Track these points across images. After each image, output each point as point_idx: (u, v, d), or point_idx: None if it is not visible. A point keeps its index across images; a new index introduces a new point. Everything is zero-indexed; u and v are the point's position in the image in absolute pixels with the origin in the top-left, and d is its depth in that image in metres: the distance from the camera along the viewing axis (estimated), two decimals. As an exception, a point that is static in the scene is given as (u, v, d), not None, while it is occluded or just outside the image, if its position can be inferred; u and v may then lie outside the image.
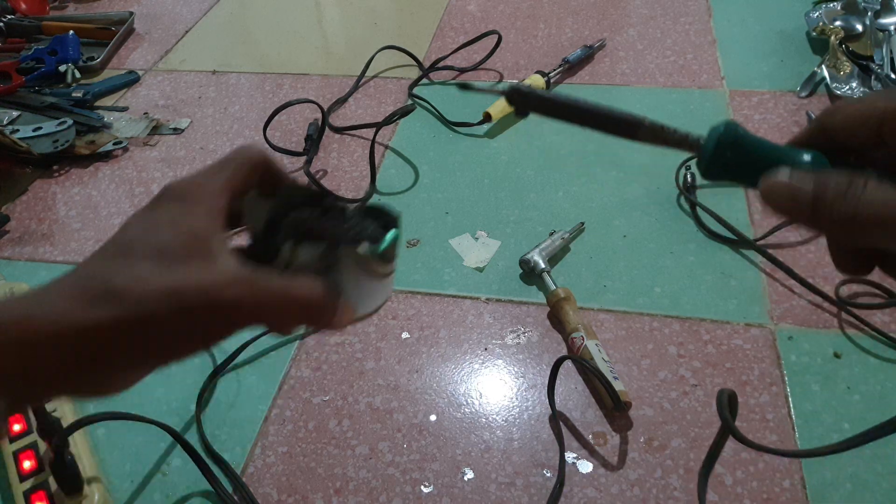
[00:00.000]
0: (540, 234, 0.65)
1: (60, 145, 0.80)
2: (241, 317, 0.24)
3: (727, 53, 0.88)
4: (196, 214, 0.25)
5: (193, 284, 0.23)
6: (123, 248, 0.24)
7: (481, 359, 0.56)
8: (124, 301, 0.23)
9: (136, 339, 0.23)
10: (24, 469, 0.47)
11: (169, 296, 0.23)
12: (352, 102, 0.87)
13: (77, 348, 0.22)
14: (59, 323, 0.22)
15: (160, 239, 0.24)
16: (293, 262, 0.26)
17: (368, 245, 0.26)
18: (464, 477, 0.48)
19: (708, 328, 0.56)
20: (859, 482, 0.46)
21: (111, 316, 0.22)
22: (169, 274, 0.23)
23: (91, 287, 0.23)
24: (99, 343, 0.23)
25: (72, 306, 0.22)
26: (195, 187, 0.26)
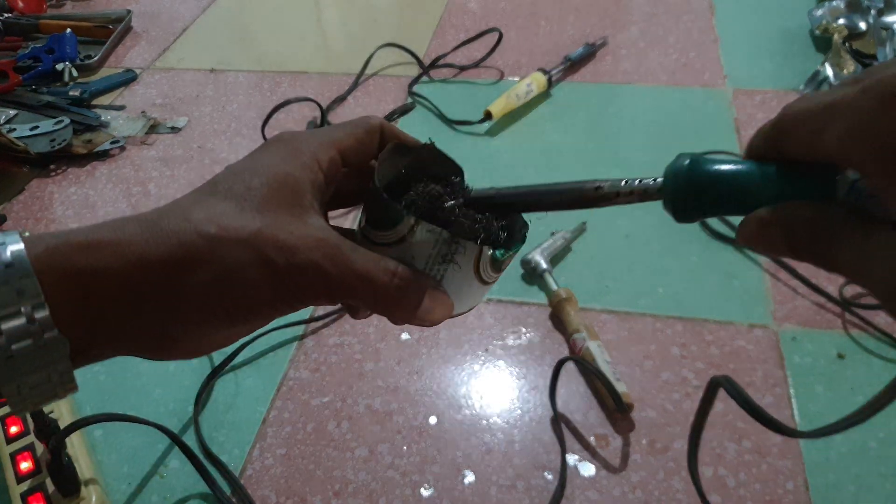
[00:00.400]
0: (541, 234, 0.64)
1: (57, 144, 0.80)
2: (317, 286, 0.22)
3: (730, 52, 0.88)
4: (295, 163, 0.23)
5: (272, 236, 0.21)
6: (213, 185, 0.23)
7: (482, 360, 0.55)
8: (192, 235, 0.21)
9: (203, 283, 0.21)
10: (21, 470, 0.47)
11: (242, 242, 0.21)
12: (351, 101, 0.86)
13: (143, 282, 0.21)
14: (127, 252, 0.21)
15: (251, 182, 0.22)
16: (408, 238, 0.23)
17: (491, 248, 0.24)
18: (464, 479, 0.48)
19: (711, 329, 0.56)
20: (863, 484, 0.45)
21: (180, 252, 0.21)
22: (248, 219, 0.21)
23: (165, 220, 0.21)
24: (166, 281, 0.21)
25: (143, 237, 0.21)
26: (303, 138, 0.24)
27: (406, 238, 0.23)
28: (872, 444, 0.47)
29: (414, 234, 0.23)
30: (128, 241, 0.21)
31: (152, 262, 0.21)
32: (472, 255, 0.24)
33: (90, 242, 0.21)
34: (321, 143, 0.24)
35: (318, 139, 0.25)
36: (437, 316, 0.24)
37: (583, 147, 0.75)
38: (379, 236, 0.24)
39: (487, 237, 0.25)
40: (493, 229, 0.25)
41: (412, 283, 0.23)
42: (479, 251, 0.24)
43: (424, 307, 0.24)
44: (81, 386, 0.58)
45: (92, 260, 0.20)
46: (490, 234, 0.25)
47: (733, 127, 0.76)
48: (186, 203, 0.22)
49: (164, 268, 0.21)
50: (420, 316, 0.24)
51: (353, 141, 0.25)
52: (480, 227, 0.25)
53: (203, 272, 0.21)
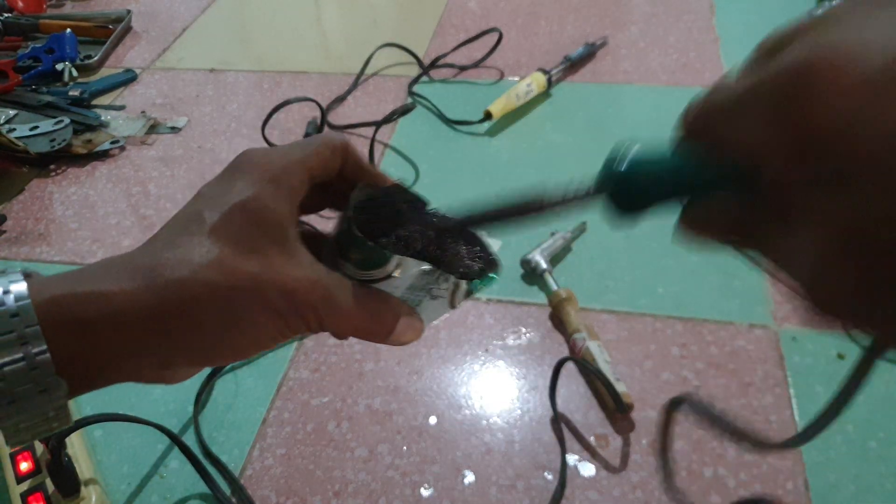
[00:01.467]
0: (541, 234, 0.64)
1: (57, 144, 0.80)
2: (311, 324, 0.23)
3: (730, 52, 0.88)
4: (274, 194, 0.23)
5: (272, 281, 0.22)
6: (198, 220, 0.23)
7: (482, 360, 0.55)
8: (194, 285, 0.21)
9: (208, 331, 0.22)
10: (20, 471, 0.47)
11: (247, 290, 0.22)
12: (351, 101, 0.86)
13: (148, 332, 0.21)
14: (131, 304, 0.21)
15: (237, 218, 0.23)
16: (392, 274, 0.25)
17: (467, 283, 0.26)
18: (464, 480, 0.48)
19: (711, 329, 0.56)
20: (863, 484, 0.45)
21: (184, 304, 0.21)
22: (247, 263, 0.22)
23: (167, 270, 0.21)
24: (171, 330, 0.22)
25: (147, 287, 0.21)
26: (274, 161, 0.24)
27: (391, 275, 0.25)
28: (872, 443, 0.47)
29: (399, 270, 0.25)
30: (130, 293, 0.21)
31: (156, 315, 0.21)
32: (451, 287, 0.26)
33: (93, 294, 0.21)
34: (293, 167, 0.25)
35: (288, 160, 0.25)
36: (408, 339, 0.26)
37: (583, 147, 0.75)
38: (362, 275, 0.25)
39: (469, 273, 0.26)
40: (462, 257, 0.26)
41: (387, 316, 0.25)
42: (457, 285, 0.26)
43: (397, 332, 0.25)
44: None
45: (95, 311, 0.21)
46: (471, 270, 0.26)
47: (733, 127, 0.76)
48: (179, 243, 0.22)
49: (169, 318, 0.21)
50: (391, 340, 0.26)
51: (320, 161, 0.26)
52: (463, 264, 0.26)
53: (209, 321, 0.22)
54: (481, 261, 0.27)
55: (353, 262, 0.25)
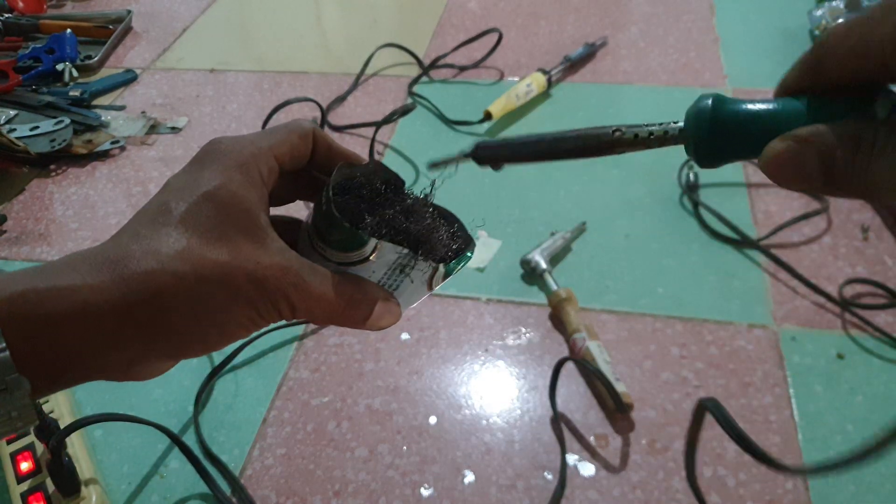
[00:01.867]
0: (541, 234, 0.65)
1: (58, 144, 0.80)
2: (283, 310, 0.23)
3: (730, 52, 0.88)
4: (242, 181, 0.23)
5: (242, 269, 0.22)
6: (165, 210, 0.22)
7: (482, 360, 0.55)
8: (161, 276, 0.21)
9: (179, 323, 0.21)
10: (21, 470, 0.47)
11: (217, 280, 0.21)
12: (351, 101, 0.86)
13: (115, 328, 0.21)
14: (96, 298, 0.20)
15: (205, 208, 0.22)
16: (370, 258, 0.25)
17: (444, 265, 0.26)
18: (464, 479, 0.48)
19: (711, 329, 0.56)
20: (863, 484, 0.45)
21: (153, 297, 0.21)
22: (216, 252, 0.22)
23: (133, 262, 0.21)
24: (138, 324, 0.21)
25: (113, 281, 0.21)
26: (241, 148, 0.24)
27: (369, 258, 0.25)
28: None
29: (377, 253, 0.24)
30: (95, 286, 0.20)
31: (122, 308, 0.21)
32: (429, 270, 0.25)
33: (56, 289, 0.20)
34: (261, 153, 0.24)
35: (257, 147, 0.25)
36: (385, 324, 0.26)
37: (583, 147, 0.75)
38: (339, 257, 0.25)
39: (446, 255, 0.26)
40: (440, 237, 0.26)
41: (364, 301, 0.25)
42: (435, 268, 0.25)
43: (374, 317, 0.25)
44: (82, 386, 0.58)
45: (58, 307, 0.20)
46: (449, 252, 0.26)
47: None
48: (146, 235, 0.22)
49: (135, 313, 0.21)
50: (369, 325, 0.26)
51: (289, 147, 0.26)
52: (441, 245, 0.26)
53: (177, 312, 0.21)
54: (458, 240, 0.27)
55: (331, 244, 0.25)
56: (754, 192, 0.68)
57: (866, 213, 0.65)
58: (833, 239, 0.62)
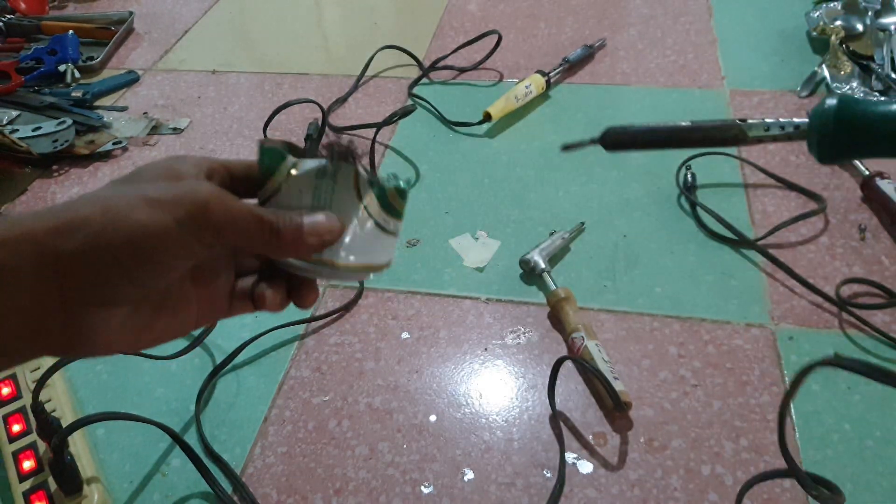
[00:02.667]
0: (540, 234, 0.65)
1: (60, 145, 0.80)
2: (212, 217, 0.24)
3: (727, 53, 0.88)
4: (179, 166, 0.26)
5: (157, 187, 0.24)
6: (103, 188, 0.25)
7: (481, 359, 0.56)
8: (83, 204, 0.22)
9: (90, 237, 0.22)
10: (23, 469, 0.47)
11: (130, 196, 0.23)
12: (351, 102, 0.87)
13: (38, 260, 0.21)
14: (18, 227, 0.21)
15: (139, 175, 0.25)
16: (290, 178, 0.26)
17: (369, 177, 0.26)
18: (464, 477, 0.48)
19: (708, 328, 0.56)
20: (860, 482, 0.46)
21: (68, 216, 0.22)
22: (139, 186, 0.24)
23: (60, 206, 0.23)
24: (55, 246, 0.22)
25: (39, 218, 0.22)
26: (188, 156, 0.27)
27: (289, 177, 0.26)
28: (869, 442, 0.48)
29: (298, 170, 0.26)
30: (25, 219, 0.22)
31: (43, 230, 0.22)
32: (349, 178, 0.26)
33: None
34: (205, 158, 0.27)
35: (204, 157, 0.27)
36: (324, 230, 0.26)
37: (582, 148, 0.76)
38: (266, 188, 0.26)
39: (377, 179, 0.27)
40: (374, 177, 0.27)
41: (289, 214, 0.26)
42: (355, 177, 0.26)
43: (308, 226, 0.26)
44: (84, 385, 0.58)
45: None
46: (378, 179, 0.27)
47: (731, 128, 0.76)
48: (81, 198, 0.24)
49: (54, 233, 0.22)
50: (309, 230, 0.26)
51: (245, 164, 0.28)
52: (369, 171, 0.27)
53: (90, 227, 0.22)
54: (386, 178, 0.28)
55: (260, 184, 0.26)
56: (752, 192, 0.68)
57: (863, 214, 0.65)
58: (830, 239, 0.63)
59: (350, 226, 0.27)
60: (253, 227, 0.25)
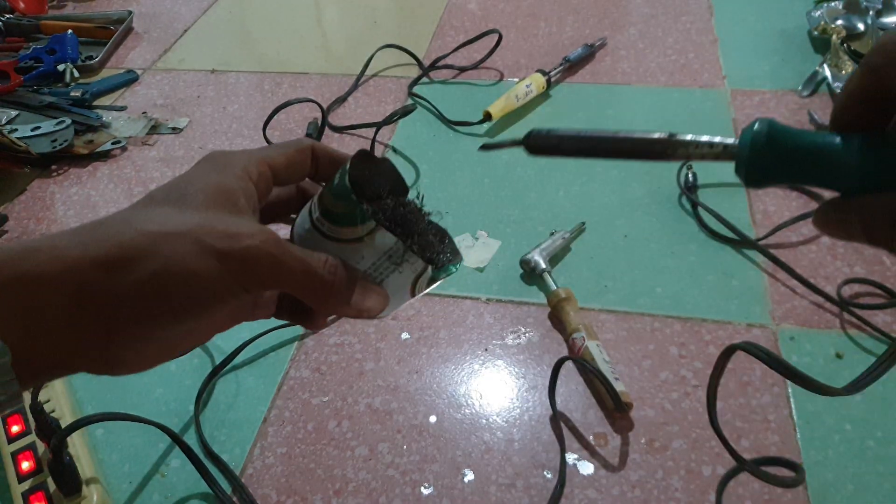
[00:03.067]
0: (540, 234, 0.65)
1: (59, 145, 0.80)
2: (261, 270, 0.22)
3: (728, 52, 0.88)
4: (227, 174, 0.24)
5: (213, 227, 0.22)
6: (149, 198, 0.23)
7: (481, 359, 0.56)
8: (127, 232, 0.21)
9: (143, 280, 0.21)
10: (22, 470, 0.47)
11: (184, 234, 0.21)
12: (351, 101, 0.87)
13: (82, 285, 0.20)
14: (64, 255, 0.20)
15: (187, 189, 0.23)
16: (365, 239, 0.25)
17: (432, 268, 0.26)
18: (464, 478, 0.48)
19: (709, 328, 0.56)
20: (861, 483, 0.46)
21: (118, 251, 0.21)
22: (189, 216, 0.22)
23: (104, 226, 0.21)
24: (105, 281, 0.20)
25: (82, 241, 0.21)
26: (233, 154, 0.25)
27: (363, 239, 0.25)
28: (871, 443, 0.48)
29: (372, 237, 0.25)
30: (65, 245, 0.21)
31: (89, 263, 0.21)
32: (416, 269, 0.25)
33: (25, 250, 0.20)
34: (251, 158, 0.25)
35: (248, 155, 0.26)
36: (371, 305, 0.25)
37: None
38: (335, 231, 0.25)
39: (435, 258, 0.26)
40: (443, 249, 0.27)
41: (343, 272, 0.24)
42: (423, 268, 0.26)
43: (358, 296, 0.25)
44: (82, 385, 0.58)
45: (27, 266, 0.20)
46: (438, 256, 0.26)
47: (732, 128, 0.76)
48: (125, 212, 0.23)
49: (101, 268, 0.21)
50: (355, 304, 0.25)
51: (284, 159, 0.26)
52: (432, 249, 0.26)
53: (143, 268, 0.21)
54: (448, 251, 0.27)
55: (331, 216, 0.25)
56: (752, 192, 0.68)
57: (865, 214, 0.65)
58: (831, 239, 0.63)
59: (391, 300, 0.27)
60: (303, 281, 0.24)
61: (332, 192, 0.25)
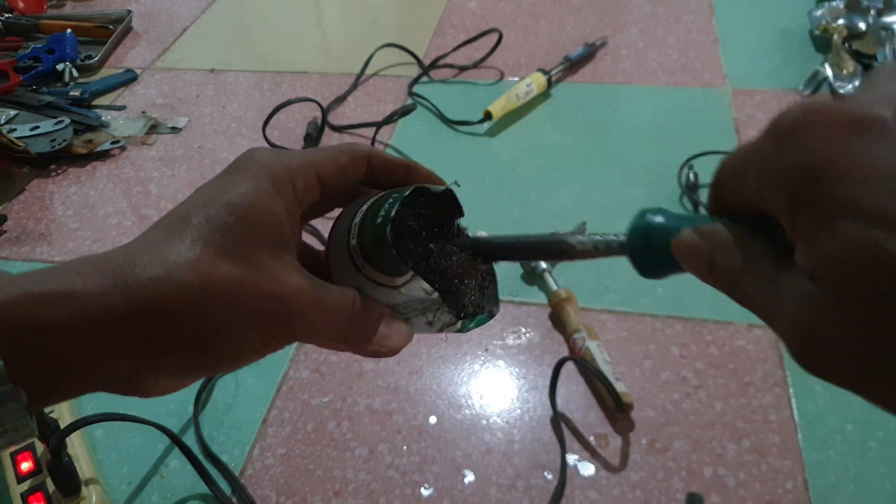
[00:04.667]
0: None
1: (58, 144, 0.80)
2: (298, 331, 0.22)
3: (730, 52, 0.88)
4: (271, 193, 0.22)
5: (255, 285, 0.21)
6: (184, 219, 0.21)
7: (482, 360, 0.56)
8: (166, 285, 0.20)
9: (182, 337, 0.20)
10: (21, 470, 0.47)
11: (225, 293, 0.20)
12: (351, 101, 0.86)
13: (113, 337, 0.19)
14: (93, 305, 0.19)
15: (227, 219, 0.21)
16: (400, 289, 0.24)
17: (463, 321, 0.25)
18: (464, 479, 0.48)
19: (711, 329, 0.56)
20: (863, 483, 0.45)
21: (155, 305, 0.19)
22: (229, 266, 0.20)
23: (139, 268, 0.20)
24: (138, 335, 0.20)
25: (113, 286, 0.19)
26: (280, 160, 0.23)
27: (398, 288, 0.24)
28: (872, 443, 0.47)
29: (408, 286, 0.24)
30: (95, 292, 0.19)
31: (123, 315, 0.19)
32: (446, 321, 0.25)
33: (52, 294, 0.19)
34: (300, 167, 0.23)
35: (297, 161, 0.23)
36: (394, 342, 0.24)
37: (582, 147, 0.75)
38: (369, 271, 0.24)
39: (469, 312, 0.25)
40: (479, 302, 0.26)
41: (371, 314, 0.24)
42: (455, 321, 0.24)
43: (382, 332, 0.24)
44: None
45: (53, 314, 0.19)
46: (473, 309, 0.25)
47: (733, 127, 0.76)
48: (157, 242, 0.21)
49: (136, 322, 0.20)
50: (378, 342, 0.24)
51: (335, 167, 0.24)
52: (468, 302, 0.25)
53: (182, 326, 0.20)
54: (486, 299, 0.26)
55: (369, 259, 0.24)
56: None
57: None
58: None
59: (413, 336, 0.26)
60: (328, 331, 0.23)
61: (372, 233, 0.23)
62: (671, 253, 0.21)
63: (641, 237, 0.22)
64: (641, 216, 0.22)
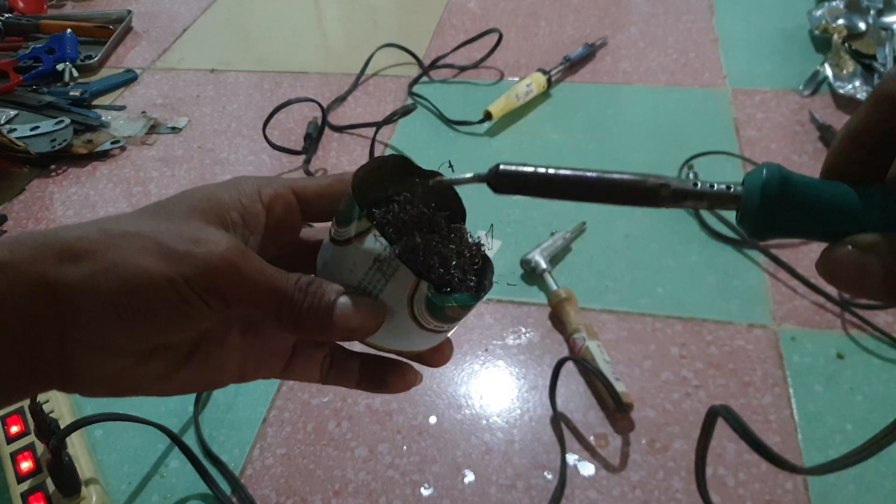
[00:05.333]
0: (541, 234, 0.65)
1: (58, 144, 0.80)
2: (221, 282, 0.20)
3: (729, 52, 0.88)
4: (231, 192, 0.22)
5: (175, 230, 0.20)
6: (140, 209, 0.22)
7: (482, 360, 0.56)
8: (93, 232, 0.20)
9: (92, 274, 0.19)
10: (21, 470, 0.47)
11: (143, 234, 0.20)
12: (351, 101, 0.86)
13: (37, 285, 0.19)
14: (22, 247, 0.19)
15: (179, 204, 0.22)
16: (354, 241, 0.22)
17: (428, 286, 0.21)
18: (464, 479, 0.48)
19: (710, 329, 0.56)
20: (863, 483, 0.45)
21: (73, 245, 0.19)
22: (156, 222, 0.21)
23: (69, 228, 0.20)
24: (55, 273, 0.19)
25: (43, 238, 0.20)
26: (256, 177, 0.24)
27: (352, 241, 0.22)
28: (872, 443, 0.47)
29: (362, 240, 0.22)
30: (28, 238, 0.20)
31: (44, 254, 0.19)
32: (406, 284, 0.21)
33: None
34: (273, 182, 0.23)
35: (272, 179, 0.23)
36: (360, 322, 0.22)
37: (582, 147, 0.75)
38: (336, 232, 0.23)
39: (433, 276, 0.22)
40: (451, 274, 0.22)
41: (321, 290, 0.21)
42: (414, 284, 0.21)
43: (342, 315, 0.21)
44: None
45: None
46: (442, 274, 0.22)
47: (733, 127, 0.76)
48: (107, 217, 0.22)
49: (55, 259, 0.19)
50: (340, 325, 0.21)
51: (316, 187, 0.24)
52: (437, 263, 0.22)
53: (93, 260, 0.19)
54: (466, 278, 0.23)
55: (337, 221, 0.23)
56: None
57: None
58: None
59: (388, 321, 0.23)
60: (270, 300, 0.21)
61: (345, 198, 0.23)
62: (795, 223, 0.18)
63: (777, 191, 0.18)
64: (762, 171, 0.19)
